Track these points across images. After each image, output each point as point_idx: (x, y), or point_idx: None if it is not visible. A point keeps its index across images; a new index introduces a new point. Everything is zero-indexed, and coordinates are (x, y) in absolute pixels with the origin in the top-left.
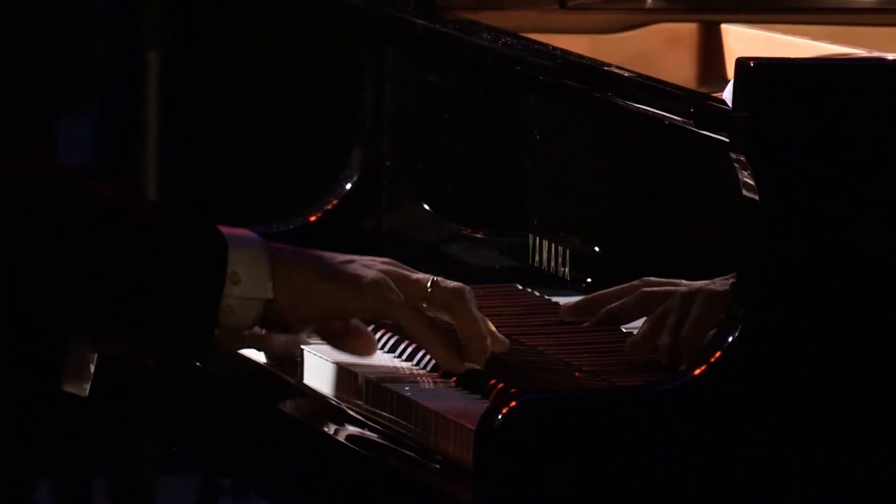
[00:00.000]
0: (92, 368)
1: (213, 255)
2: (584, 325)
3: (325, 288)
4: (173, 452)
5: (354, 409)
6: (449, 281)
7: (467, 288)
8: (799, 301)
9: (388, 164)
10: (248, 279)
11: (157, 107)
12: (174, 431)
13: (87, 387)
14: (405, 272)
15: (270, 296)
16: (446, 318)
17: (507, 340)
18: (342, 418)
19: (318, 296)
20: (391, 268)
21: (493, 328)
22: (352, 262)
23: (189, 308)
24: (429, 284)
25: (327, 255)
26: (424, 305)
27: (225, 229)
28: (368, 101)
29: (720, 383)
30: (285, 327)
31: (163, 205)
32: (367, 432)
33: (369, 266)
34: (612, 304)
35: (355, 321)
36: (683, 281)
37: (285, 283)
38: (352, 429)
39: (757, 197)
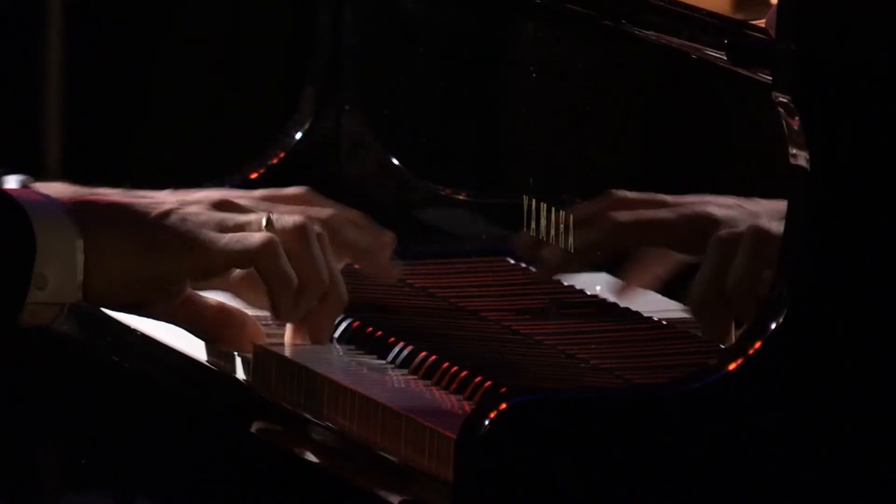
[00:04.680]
0: None
1: (16, 257)
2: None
3: (147, 260)
4: (81, 466)
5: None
6: (290, 215)
7: (308, 222)
8: (858, 278)
9: (347, 108)
10: (56, 282)
11: (61, 41)
12: (81, 440)
13: None
14: (232, 215)
15: (78, 298)
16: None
17: (345, 295)
18: (277, 418)
19: (138, 272)
20: (215, 213)
21: (338, 278)
22: (169, 213)
23: None
24: (263, 223)
25: (140, 209)
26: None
27: (29, 198)
28: (323, 30)
29: (761, 381)
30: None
31: None
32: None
33: (186, 218)
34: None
35: (223, 307)
36: (668, 199)
37: (98, 272)
38: (292, 433)
39: (805, 149)
